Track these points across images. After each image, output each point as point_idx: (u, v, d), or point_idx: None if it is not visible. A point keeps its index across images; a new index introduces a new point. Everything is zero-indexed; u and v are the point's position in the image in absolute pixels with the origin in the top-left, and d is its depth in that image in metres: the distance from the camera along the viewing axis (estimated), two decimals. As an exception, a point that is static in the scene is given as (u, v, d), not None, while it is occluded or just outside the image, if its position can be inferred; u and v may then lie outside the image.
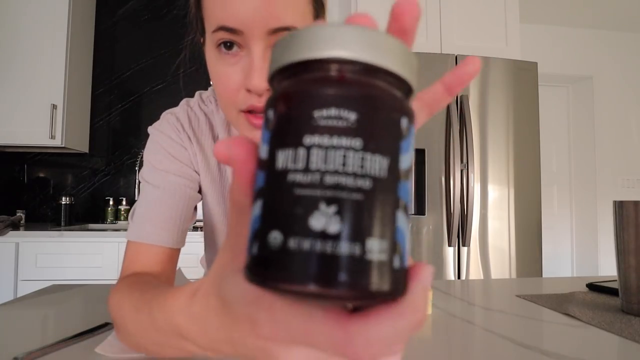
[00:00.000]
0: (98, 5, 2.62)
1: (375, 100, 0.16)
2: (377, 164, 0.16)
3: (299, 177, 0.15)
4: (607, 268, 3.06)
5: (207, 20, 0.47)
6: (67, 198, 2.39)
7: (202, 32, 0.52)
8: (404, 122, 0.17)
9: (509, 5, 2.16)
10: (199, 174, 0.64)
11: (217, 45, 0.46)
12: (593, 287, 0.78)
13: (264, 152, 0.17)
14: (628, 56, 3.28)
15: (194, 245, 1.93)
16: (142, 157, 2.48)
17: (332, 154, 0.15)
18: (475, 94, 1.96)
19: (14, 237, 1.96)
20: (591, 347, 0.46)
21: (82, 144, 2.49)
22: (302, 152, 0.16)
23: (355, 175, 0.15)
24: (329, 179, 0.15)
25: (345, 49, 0.16)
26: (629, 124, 3.25)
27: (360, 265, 0.15)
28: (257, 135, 0.49)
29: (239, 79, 0.46)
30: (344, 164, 0.15)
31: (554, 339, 0.49)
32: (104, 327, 0.50)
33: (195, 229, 2.17)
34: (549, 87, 3.30)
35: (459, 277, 1.91)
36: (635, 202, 0.59)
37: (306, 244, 0.15)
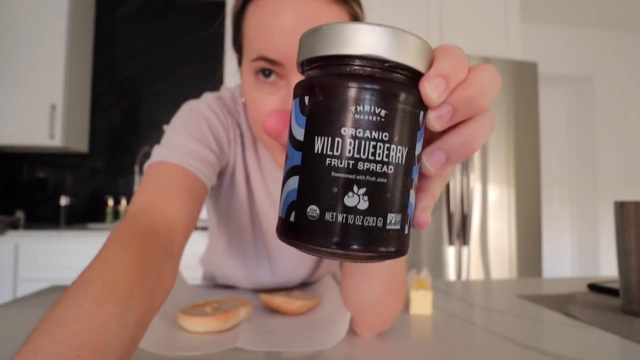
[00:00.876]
0: (98, 5, 2.62)
1: (401, 99, 0.19)
2: (400, 153, 0.19)
3: (335, 162, 0.19)
4: (607, 268, 3.06)
5: (247, 47, 0.47)
6: (67, 198, 2.39)
7: (239, 51, 0.52)
8: (421, 115, 0.20)
9: (509, 5, 2.16)
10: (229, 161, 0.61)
11: (256, 72, 0.46)
12: (594, 287, 0.78)
13: (299, 134, 0.20)
14: (628, 56, 3.28)
15: (194, 245, 1.93)
16: (142, 157, 2.48)
17: (364, 144, 0.19)
18: (476, 94, 1.96)
19: (13, 237, 1.96)
20: (592, 348, 0.46)
21: (81, 144, 2.49)
22: (339, 140, 0.19)
23: (382, 163, 0.19)
24: (361, 166, 0.19)
25: (383, 50, 0.19)
26: (630, 124, 3.25)
27: (381, 234, 0.19)
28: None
29: (275, 107, 0.46)
30: (374, 154, 0.19)
31: (555, 340, 0.49)
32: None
33: (195, 229, 2.17)
34: (549, 87, 3.30)
35: (459, 277, 1.91)
36: (636, 203, 0.59)
37: (340, 217, 0.19)
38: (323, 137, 0.19)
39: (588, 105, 3.24)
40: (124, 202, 2.53)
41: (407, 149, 0.20)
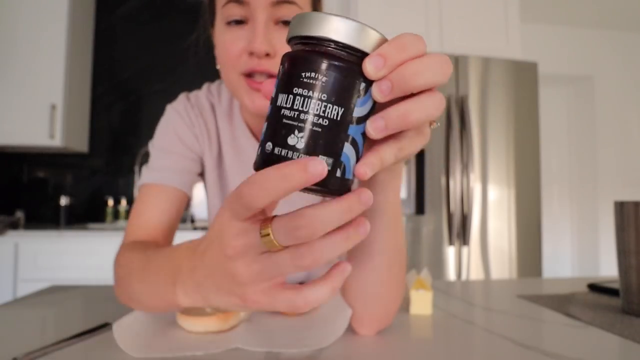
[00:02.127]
0: (98, 5, 2.61)
1: (339, 69, 0.25)
2: (335, 111, 0.25)
3: (286, 112, 0.25)
4: (607, 268, 3.06)
5: None
6: (67, 198, 2.39)
7: (212, 16, 0.58)
8: (362, 85, 0.25)
9: (509, 5, 2.16)
10: (203, 157, 0.68)
11: (227, 22, 0.53)
12: (594, 287, 0.78)
13: (273, 93, 0.27)
14: (629, 56, 3.28)
15: (194, 245, 1.93)
16: (142, 158, 2.48)
17: (306, 101, 0.25)
18: (475, 94, 1.96)
19: (13, 237, 1.96)
20: (592, 348, 0.46)
21: (81, 144, 2.49)
22: (290, 97, 0.25)
23: (318, 115, 0.25)
24: (302, 116, 0.25)
25: (327, 32, 0.25)
26: (630, 124, 3.25)
27: None
28: (256, 99, 0.54)
29: (242, 44, 0.52)
30: (313, 108, 0.25)
31: (555, 340, 0.49)
32: (103, 327, 0.50)
33: (194, 229, 2.17)
34: (549, 87, 3.30)
35: (459, 277, 1.91)
36: (636, 203, 0.59)
37: (283, 152, 0.25)
38: (282, 94, 0.26)
39: (588, 105, 3.24)
40: (124, 202, 2.53)
41: (342, 109, 0.25)
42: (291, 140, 0.25)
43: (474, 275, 1.91)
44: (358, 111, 0.26)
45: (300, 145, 0.25)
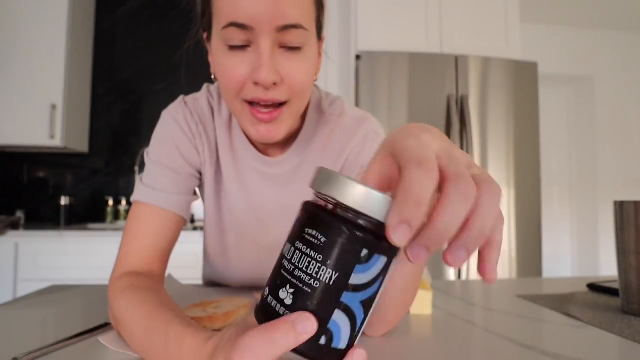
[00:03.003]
0: (98, 5, 2.61)
1: (340, 232, 0.24)
2: (328, 274, 0.24)
3: (285, 263, 0.26)
4: (607, 268, 3.06)
5: (217, 16, 0.49)
6: (67, 198, 2.39)
7: (208, 27, 0.53)
8: (364, 252, 0.24)
9: (509, 5, 2.16)
10: (203, 167, 0.65)
11: (226, 42, 0.48)
12: (593, 287, 0.78)
13: (285, 240, 0.27)
14: (628, 56, 3.28)
15: (192, 245, 1.93)
16: (142, 158, 2.48)
17: (303, 258, 0.25)
18: (475, 94, 1.96)
19: (13, 237, 1.96)
20: (592, 348, 0.46)
21: (81, 144, 2.49)
22: (292, 249, 0.25)
23: (311, 276, 0.24)
24: (296, 272, 0.25)
25: (335, 192, 0.24)
26: (630, 124, 3.25)
27: None
28: (261, 128, 0.51)
29: (246, 71, 0.48)
30: (307, 267, 0.24)
31: (555, 340, 0.49)
32: (103, 327, 0.50)
33: (194, 229, 2.17)
34: (549, 87, 3.30)
35: (459, 277, 1.91)
36: (636, 203, 0.59)
37: (274, 303, 0.25)
38: (288, 243, 0.26)
39: (588, 105, 3.24)
40: (124, 202, 2.53)
41: (337, 274, 0.24)
42: (282, 294, 0.25)
43: (474, 275, 1.91)
44: (356, 278, 0.24)
45: (289, 301, 0.24)
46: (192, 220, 2.49)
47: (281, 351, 0.24)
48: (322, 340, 0.25)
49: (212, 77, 0.56)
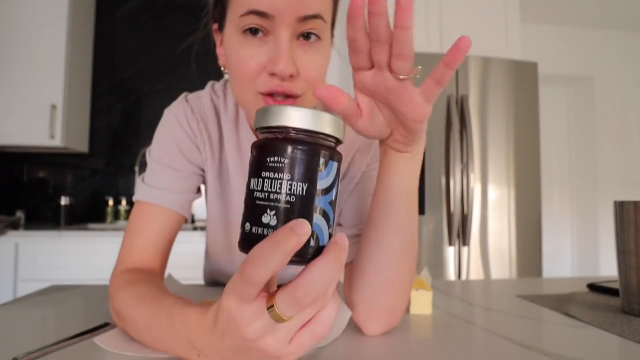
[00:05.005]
0: (98, 5, 2.61)
1: (299, 150, 0.28)
2: (300, 187, 0.28)
3: (258, 194, 0.29)
4: (607, 268, 3.06)
5: (234, 4, 0.48)
6: (67, 198, 2.39)
7: (220, 17, 0.52)
8: (321, 160, 0.29)
9: (509, 5, 2.16)
10: (204, 168, 0.65)
11: (243, 30, 0.47)
12: (593, 287, 0.78)
13: (247, 178, 0.30)
14: (628, 56, 3.28)
15: (192, 245, 1.93)
16: (142, 157, 2.48)
17: (274, 182, 0.28)
18: (476, 94, 1.96)
19: (13, 237, 1.96)
20: (592, 348, 0.46)
21: (81, 144, 2.49)
22: (260, 180, 0.29)
23: (286, 194, 0.28)
24: (272, 196, 0.28)
25: (285, 121, 0.29)
26: (630, 124, 3.25)
27: None
28: None
29: (262, 61, 0.47)
30: (280, 188, 0.28)
31: (555, 340, 0.49)
32: (103, 327, 0.50)
33: (194, 229, 2.17)
34: (549, 87, 3.30)
35: (459, 277, 1.91)
36: (636, 202, 0.59)
37: (259, 230, 0.28)
38: (253, 179, 0.29)
39: (588, 105, 3.24)
40: (124, 202, 2.53)
41: (307, 185, 0.28)
42: (265, 219, 0.28)
43: (473, 275, 1.91)
44: (322, 184, 0.29)
45: (274, 222, 0.28)
46: (192, 220, 2.49)
47: (287, 255, 0.26)
48: (312, 242, 0.29)
49: (222, 68, 0.56)
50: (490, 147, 1.96)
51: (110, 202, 2.50)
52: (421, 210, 1.92)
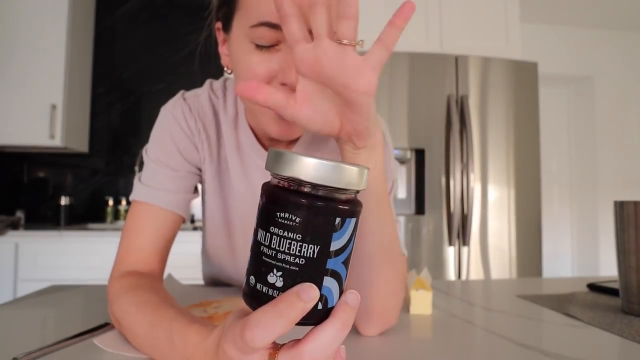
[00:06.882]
0: (98, 5, 2.61)
1: (312, 209, 0.25)
2: (310, 250, 0.25)
3: (265, 250, 0.26)
4: (607, 268, 3.06)
5: (244, 12, 0.47)
6: (67, 198, 2.39)
7: (226, 19, 0.51)
8: (337, 220, 0.26)
9: (509, 5, 2.16)
10: (201, 168, 0.64)
11: (254, 42, 0.46)
12: (593, 287, 0.78)
13: (255, 224, 0.28)
14: (628, 56, 3.28)
15: (192, 245, 1.93)
16: (141, 157, 2.48)
17: (283, 241, 0.26)
18: (475, 94, 1.96)
19: (13, 237, 1.96)
20: (592, 348, 0.46)
21: (81, 144, 2.49)
22: (268, 235, 0.26)
23: (294, 255, 0.25)
24: (279, 255, 0.26)
25: (299, 173, 0.25)
26: (630, 124, 3.25)
27: None
28: (282, 125, 0.50)
29: (274, 68, 0.46)
30: (289, 248, 0.25)
31: (555, 340, 0.49)
32: (103, 327, 0.50)
33: (194, 229, 2.17)
34: (549, 87, 3.30)
35: (459, 277, 1.91)
36: (636, 203, 0.59)
37: (264, 289, 0.26)
38: (261, 230, 0.27)
39: (588, 105, 3.24)
40: (124, 202, 2.53)
41: (318, 247, 0.26)
42: (271, 279, 0.26)
43: (473, 275, 1.91)
44: (336, 244, 0.26)
45: (280, 283, 0.26)
46: (192, 220, 2.49)
47: (291, 322, 0.25)
48: (319, 306, 0.27)
49: (225, 68, 0.55)
50: (490, 147, 1.96)
51: (110, 202, 2.50)
52: (421, 210, 1.92)
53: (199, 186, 0.66)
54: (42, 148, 2.33)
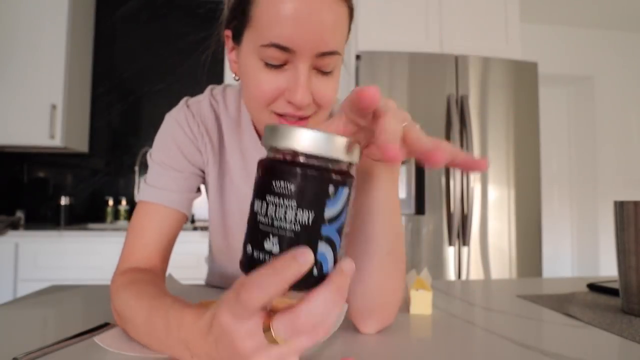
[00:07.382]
0: (98, 5, 2.61)
1: (307, 177, 0.27)
2: (305, 216, 0.27)
3: (261, 218, 0.27)
4: (607, 268, 3.06)
5: (256, 29, 0.48)
6: (67, 198, 2.39)
7: (237, 30, 0.52)
8: (330, 188, 0.27)
9: (509, 5, 2.16)
10: (204, 170, 0.66)
11: (263, 60, 0.48)
12: (593, 287, 0.78)
13: (251, 197, 0.29)
14: (628, 56, 3.28)
15: (193, 245, 1.93)
16: (142, 157, 2.48)
17: (278, 209, 0.27)
18: (475, 94, 1.96)
19: (13, 237, 1.96)
20: (592, 348, 0.46)
21: (81, 144, 2.49)
22: (264, 204, 0.27)
23: (290, 222, 0.27)
24: (275, 223, 0.27)
25: (293, 144, 0.26)
26: (630, 124, 3.25)
27: None
28: None
29: (281, 86, 0.49)
30: (284, 215, 0.27)
31: (555, 340, 0.49)
32: (104, 327, 0.50)
33: (194, 229, 2.17)
34: (549, 87, 3.30)
35: (459, 277, 1.91)
36: (636, 202, 0.59)
37: (262, 256, 0.27)
38: (257, 200, 0.28)
39: (588, 105, 3.24)
40: (124, 202, 2.53)
41: (313, 214, 0.27)
42: (267, 245, 0.27)
43: (473, 275, 1.91)
44: (330, 211, 0.28)
45: (276, 249, 0.27)
46: (192, 220, 2.49)
47: (286, 282, 0.26)
48: (315, 271, 0.28)
49: (233, 75, 0.57)
50: (490, 147, 1.96)
51: (110, 202, 2.50)
52: (421, 210, 1.92)
53: (202, 187, 0.68)
54: (42, 148, 2.33)
